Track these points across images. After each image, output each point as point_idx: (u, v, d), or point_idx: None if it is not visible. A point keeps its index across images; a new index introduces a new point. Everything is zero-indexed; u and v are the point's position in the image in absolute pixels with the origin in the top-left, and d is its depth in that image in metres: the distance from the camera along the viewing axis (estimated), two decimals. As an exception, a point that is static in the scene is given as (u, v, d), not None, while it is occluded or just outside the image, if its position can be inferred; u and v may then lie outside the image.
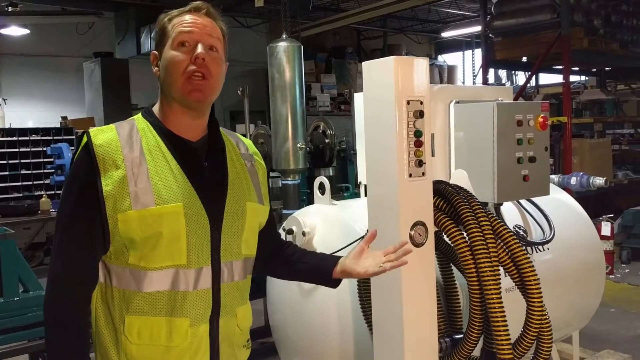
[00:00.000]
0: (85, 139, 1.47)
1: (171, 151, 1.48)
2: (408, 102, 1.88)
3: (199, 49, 1.47)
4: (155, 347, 1.44)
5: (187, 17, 1.50)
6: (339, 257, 1.72)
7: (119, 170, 1.41)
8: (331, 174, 6.75)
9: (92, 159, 1.42)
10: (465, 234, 1.97)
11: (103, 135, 1.46)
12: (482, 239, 1.95)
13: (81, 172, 1.44)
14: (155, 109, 1.56)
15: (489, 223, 2.00)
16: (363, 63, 2.02)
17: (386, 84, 1.88)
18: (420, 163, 1.90)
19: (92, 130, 1.48)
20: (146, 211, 1.40)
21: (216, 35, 1.52)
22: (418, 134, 1.90)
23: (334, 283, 1.74)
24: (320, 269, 1.73)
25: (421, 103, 1.90)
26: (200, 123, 1.55)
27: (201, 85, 1.47)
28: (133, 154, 1.44)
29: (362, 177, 2.70)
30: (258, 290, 3.57)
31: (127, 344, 1.44)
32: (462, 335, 2.07)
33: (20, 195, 9.03)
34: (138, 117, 1.56)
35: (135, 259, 1.43)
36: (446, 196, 2.06)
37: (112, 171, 1.41)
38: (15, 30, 10.04)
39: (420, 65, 1.92)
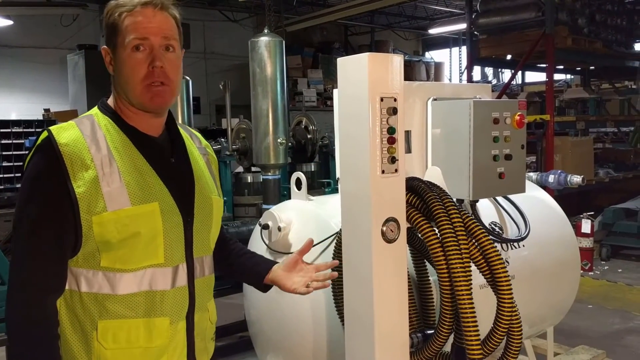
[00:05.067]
0: (43, 136, 1.38)
1: (138, 149, 1.44)
2: (382, 99, 1.88)
3: (157, 58, 1.40)
4: (133, 349, 1.40)
5: (141, 18, 1.40)
6: (274, 264, 1.78)
7: (89, 170, 1.35)
8: (313, 170, 6.78)
9: (58, 159, 1.33)
10: (437, 231, 1.98)
11: (66, 134, 1.37)
12: (454, 235, 1.96)
13: (47, 174, 1.34)
14: (112, 103, 1.49)
15: (460, 220, 2.01)
16: (338, 59, 2.01)
17: (359, 80, 1.87)
18: (393, 160, 1.90)
19: (53, 128, 1.39)
20: (122, 212, 1.35)
21: (172, 34, 1.44)
22: (391, 130, 1.90)
23: (265, 288, 1.80)
24: (253, 274, 1.79)
25: (395, 100, 1.90)
26: (161, 120, 1.52)
27: (161, 92, 1.42)
28: (101, 152, 1.37)
29: (339, 172, 2.70)
30: (237, 285, 3.58)
31: (102, 350, 1.38)
32: (433, 331, 2.08)
33: (2, 187, 8.92)
34: (97, 113, 1.48)
35: (108, 261, 1.37)
36: (419, 193, 2.07)
37: (82, 172, 1.34)
38: (-3, 21, 9.89)
39: (395, 62, 1.92)
